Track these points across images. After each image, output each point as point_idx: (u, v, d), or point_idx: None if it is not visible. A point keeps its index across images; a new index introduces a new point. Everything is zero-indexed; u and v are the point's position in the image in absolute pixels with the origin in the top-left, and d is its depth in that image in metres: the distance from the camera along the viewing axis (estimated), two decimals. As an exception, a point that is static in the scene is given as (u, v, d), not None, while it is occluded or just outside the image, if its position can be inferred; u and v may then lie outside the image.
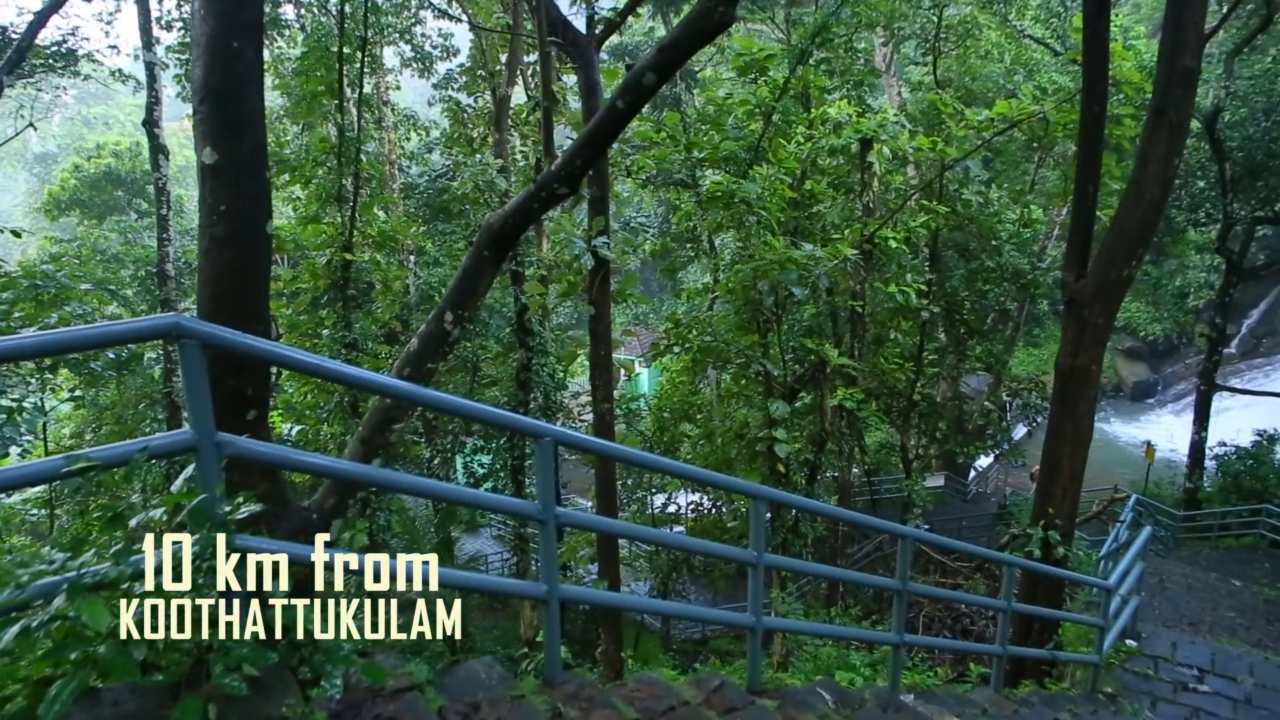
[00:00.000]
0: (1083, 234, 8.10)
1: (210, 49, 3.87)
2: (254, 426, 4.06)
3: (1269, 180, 21.09)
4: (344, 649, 2.59)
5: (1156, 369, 46.45)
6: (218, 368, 3.97)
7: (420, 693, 3.09)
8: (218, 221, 4.00)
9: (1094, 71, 7.99)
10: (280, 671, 2.47)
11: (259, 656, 2.25)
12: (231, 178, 4.02)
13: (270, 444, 3.72)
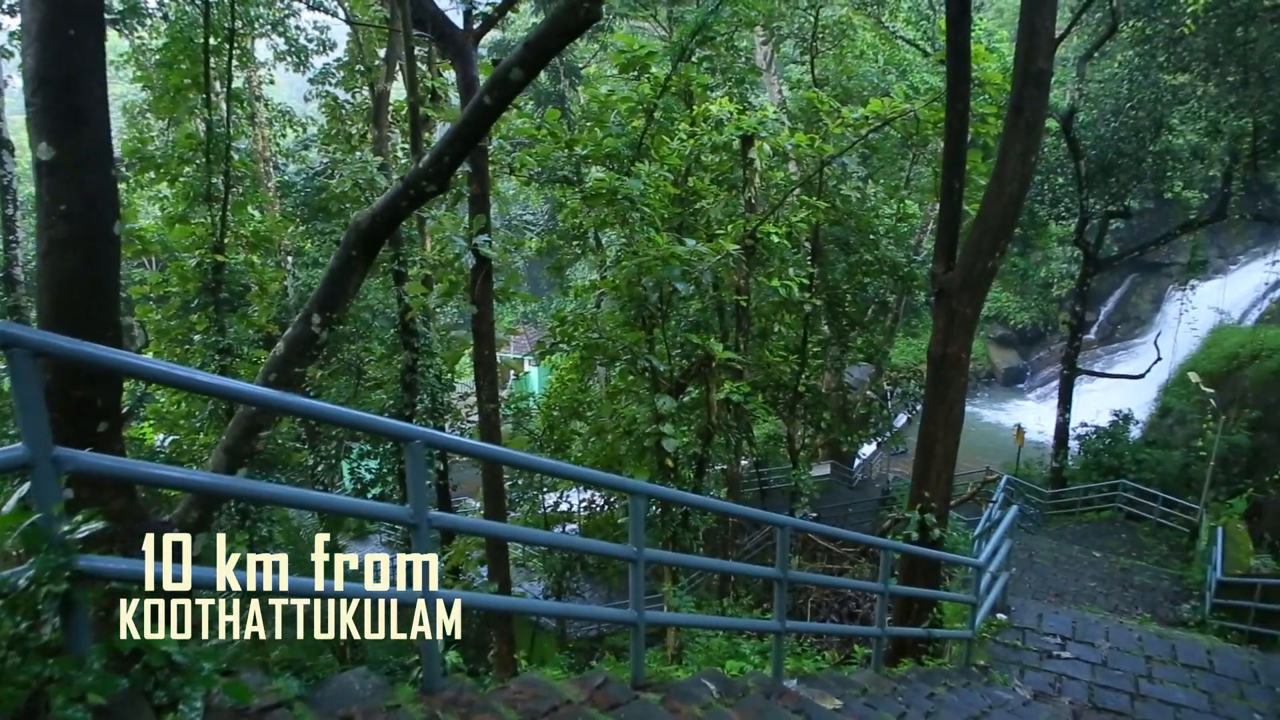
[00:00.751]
0: (950, 228, 8.43)
1: (42, 37, 3.62)
2: (106, 439, 3.83)
3: (1119, 177, 22.44)
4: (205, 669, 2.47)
5: (1025, 355, 48.87)
6: (63, 379, 3.73)
7: (289, 709, 2.98)
8: (57, 222, 3.75)
9: (957, 72, 8.33)
10: (133, 698, 2.33)
11: (107, 684, 2.12)
12: (71, 175, 3.77)
13: (119, 458, 3.51)
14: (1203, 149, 23.85)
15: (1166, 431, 27.15)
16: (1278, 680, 7.63)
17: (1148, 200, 30.90)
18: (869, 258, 19.11)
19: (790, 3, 22.01)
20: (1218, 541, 14.56)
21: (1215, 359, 28.06)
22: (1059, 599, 13.17)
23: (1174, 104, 21.71)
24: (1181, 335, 29.67)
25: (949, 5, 8.35)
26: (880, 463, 30.83)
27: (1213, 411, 19.99)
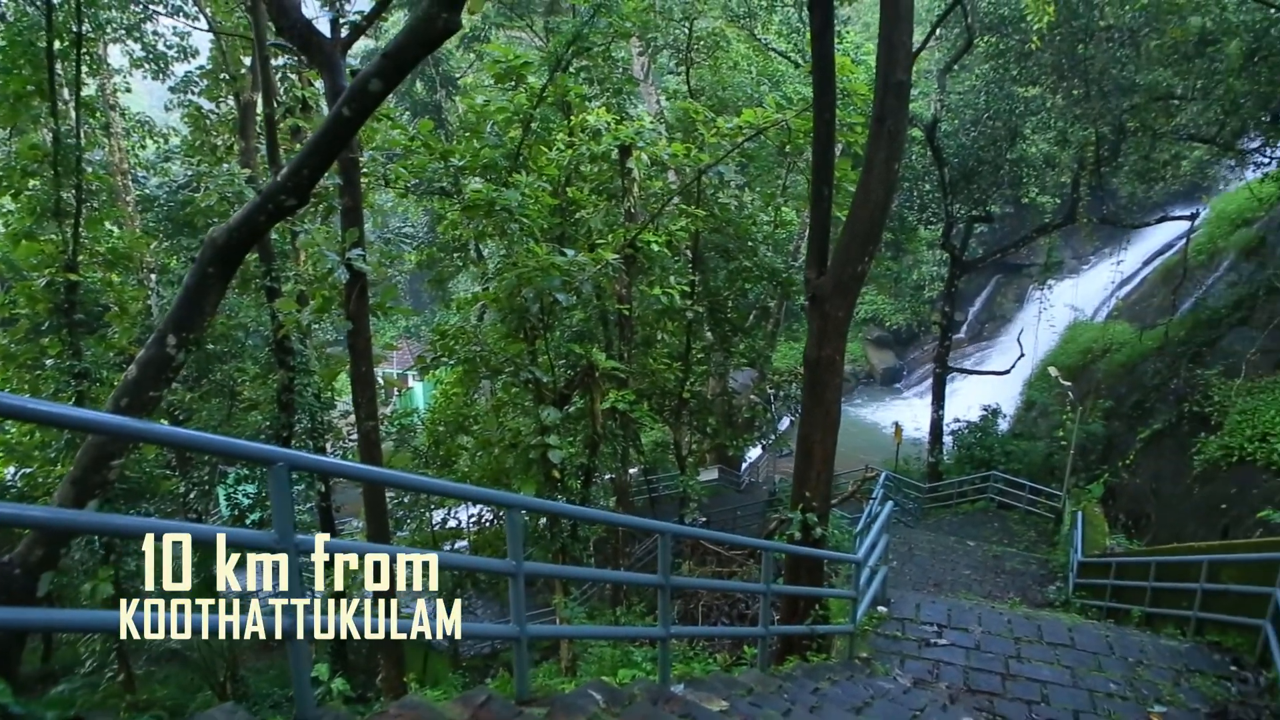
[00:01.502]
0: (821, 234, 8.68)
1: None
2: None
3: (980, 183, 23.58)
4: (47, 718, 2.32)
5: (901, 355, 50.77)
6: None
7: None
8: None
9: (822, 83, 8.59)
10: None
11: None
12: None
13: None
14: (1053, 157, 25.28)
15: (1031, 424, 28.66)
16: (1130, 651, 8.14)
17: (1007, 205, 32.54)
18: (748, 264, 19.49)
19: (665, 15, 22.31)
20: (1078, 525, 15.44)
21: (1072, 353, 29.82)
22: (937, 589, 13.69)
23: (1026, 115, 22.95)
24: (1041, 332, 31.39)
25: (813, 19, 8.59)
26: (766, 465, 31.48)
27: (1071, 403, 21.17)
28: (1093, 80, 20.68)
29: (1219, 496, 15.17)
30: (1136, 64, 20.63)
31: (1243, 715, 6.89)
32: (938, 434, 26.47)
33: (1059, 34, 20.14)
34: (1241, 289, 22.79)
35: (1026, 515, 21.87)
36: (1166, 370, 22.25)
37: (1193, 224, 26.14)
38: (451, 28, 3.66)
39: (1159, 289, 30.31)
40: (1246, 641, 8.13)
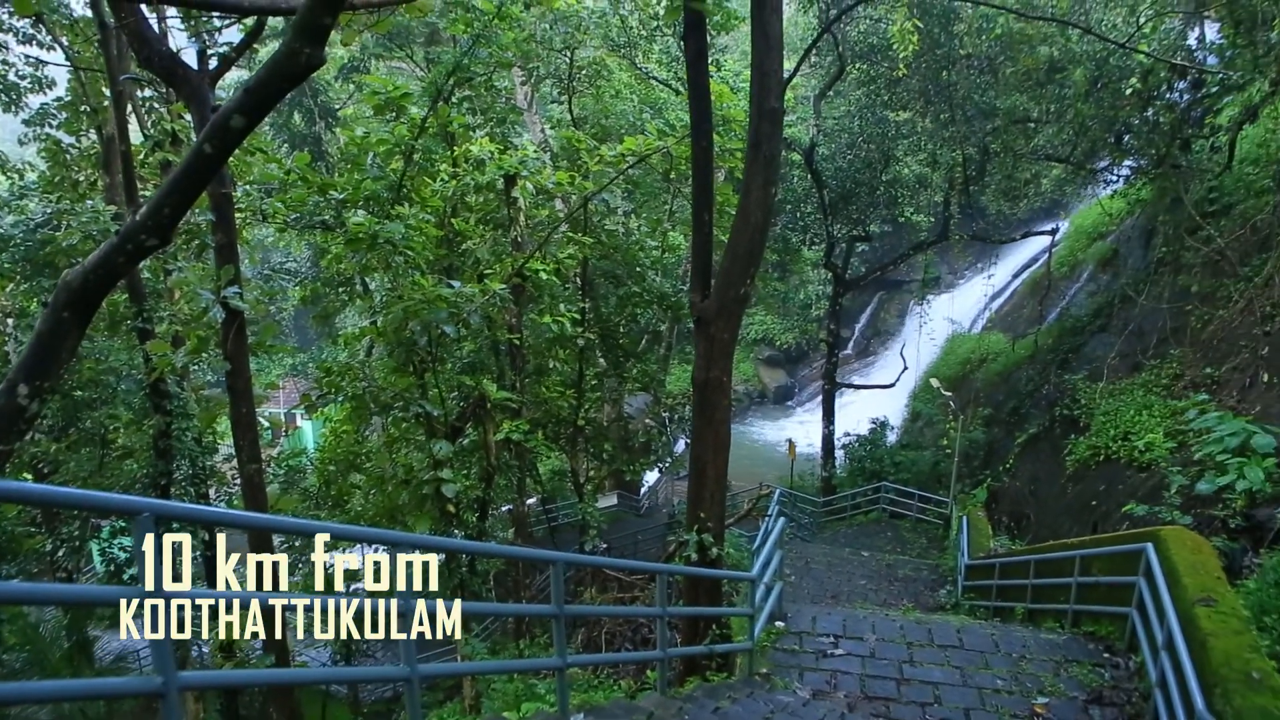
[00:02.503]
0: (703, 257, 8.85)
1: None
2: None
3: (858, 204, 24.45)
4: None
5: (793, 374, 51.92)
6: None
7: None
8: None
9: (699, 110, 8.79)
10: None
11: None
12: None
13: None
14: (925, 178, 26.43)
15: (918, 434, 29.72)
16: (1014, 647, 8.50)
17: (886, 224, 33.78)
18: (637, 290, 19.66)
19: (545, 44, 22.45)
20: (963, 530, 16.06)
21: (952, 364, 31.10)
22: (835, 600, 14.01)
23: (898, 138, 23.93)
24: (923, 345, 32.65)
25: (688, 48, 8.80)
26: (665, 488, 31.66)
27: (953, 412, 22.05)
28: (957, 105, 21.75)
29: (1089, 494, 16.02)
30: (995, 90, 21.84)
31: (1115, 699, 7.29)
32: (829, 449, 27.18)
33: (924, 62, 21.14)
34: (1100, 298, 24.25)
35: (917, 523, 22.62)
36: (1038, 377, 23.44)
37: (1054, 239, 27.68)
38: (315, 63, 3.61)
39: (1028, 300, 31.94)
40: (1117, 629, 8.59)
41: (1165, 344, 18.07)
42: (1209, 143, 19.76)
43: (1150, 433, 15.17)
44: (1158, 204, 21.50)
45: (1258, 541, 10.76)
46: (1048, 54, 19.89)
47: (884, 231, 37.53)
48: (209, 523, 8.07)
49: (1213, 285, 17.65)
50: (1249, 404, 14.16)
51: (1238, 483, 11.51)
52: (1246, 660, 5.73)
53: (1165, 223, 20.95)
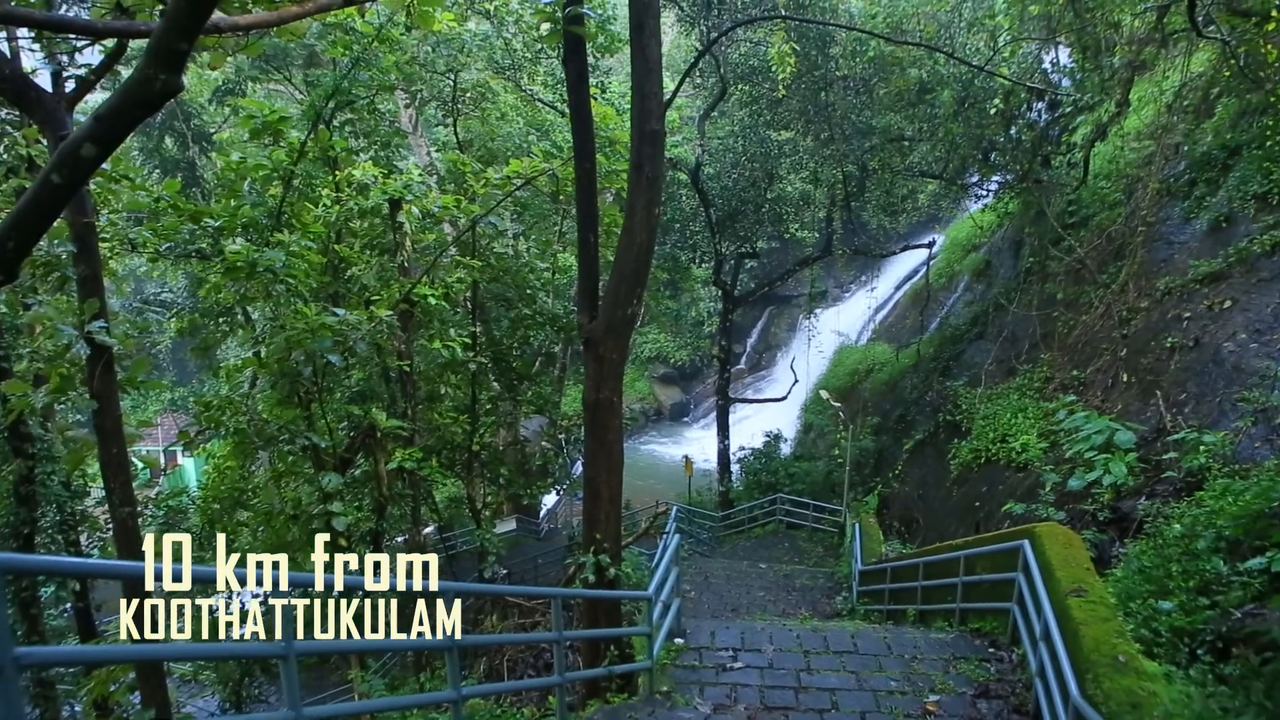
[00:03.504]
0: (589, 279, 8.88)
1: None
2: None
3: (744, 222, 24.98)
4: None
5: (688, 390, 52.46)
6: None
7: None
8: None
9: (581, 133, 8.84)
10: None
11: None
12: None
13: None
14: (809, 195, 27.19)
15: (811, 445, 30.42)
16: (905, 648, 8.75)
17: (773, 241, 34.55)
18: (528, 312, 19.60)
19: (429, 67, 22.22)
20: (856, 537, 16.49)
21: (841, 376, 31.98)
22: (735, 613, 14.16)
23: (781, 157, 24.57)
24: (813, 358, 33.48)
25: (568, 71, 8.84)
26: (564, 510, 31.52)
27: (843, 422, 22.66)
28: (836, 124, 22.49)
29: (973, 495, 16.68)
30: (871, 110, 22.72)
31: (1000, 691, 7.59)
32: (725, 463, 27.56)
33: (803, 83, 21.81)
34: (976, 307, 25.37)
35: (813, 532, 23.11)
36: (922, 384, 24.32)
37: (931, 251, 28.83)
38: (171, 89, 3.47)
39: (910, 311, 33.16)
40: (1001, 624, 8.95)
41: (1036, 349, 19.02)
42: (1066, 159, 20.99)
43: (1025, 434, 15.92)
44: (1024, 217, 22.69)
45: (1123, 532, 11.41)
46: (917, 76, 20.81)
47: (771, 248, 38.41)
48: (62, 574, 7.61)
49: (1076, 292, 18.69)
50: (1111, 403, 15.01)
51: (1104, 478, 12.18)
52: (1114, 645, 6.05)
53: (1031, 234, 22.09)
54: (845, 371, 32.27)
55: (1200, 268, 14.96)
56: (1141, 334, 15.54)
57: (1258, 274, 13.80)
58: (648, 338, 49.93)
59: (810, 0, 21.07)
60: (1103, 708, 5.45)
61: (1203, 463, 10.95)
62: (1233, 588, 7.81)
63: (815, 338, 32.93)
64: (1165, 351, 14.56)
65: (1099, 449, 12.96)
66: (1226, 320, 13.78)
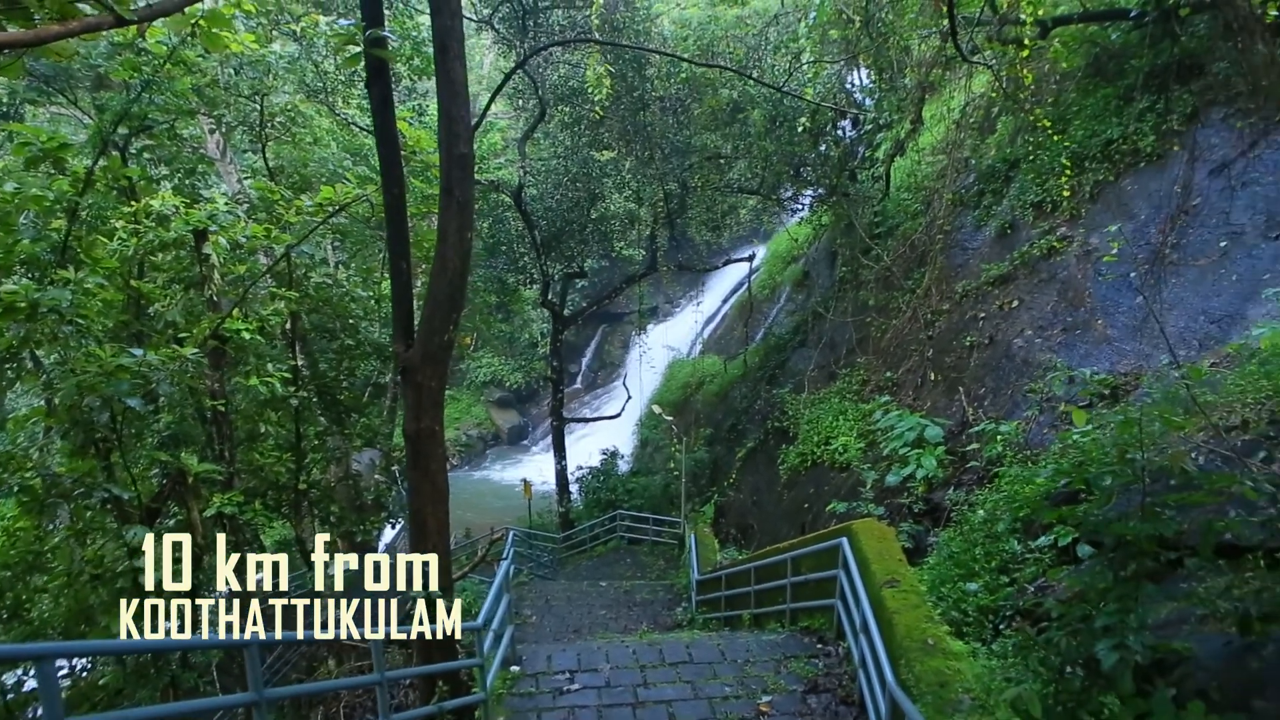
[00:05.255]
0: (404, 306, 8.67)
1: None
2: None
3: (569, 242, 25.12)
4: None
5: (525, 413, 52.03)
6: None
7: None
8: None
9: (389, 158, 8.65)
10: None
11: None
12: None
13: None
14: (632, 214, 27.67)
15: (648, 460, 30.82)
16: (738, 653, 8.97)
17: (603, 260, 34.87)
18: (351, 342, 18.96)
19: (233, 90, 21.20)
20: (692, 547, 16.80)
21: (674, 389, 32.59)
22: (576, 634, 14.10)
23: (604, 177, 24.90)
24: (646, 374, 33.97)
25: (372, 95, 8.62)
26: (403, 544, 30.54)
27: (676, 436, 23.09)
28: (655, 144, 23.03)
29: (801, 498, 17.34)
30: (689, 129, 23.39)
31: (828, 685, 7.91)
32: (564, 484, 27.54)
33: (622, 104, 22.22)
34: (797, 316, 26.49)
35: (654, 546, 23.38)
36: (750, 393, 25.13)
37: (751, 265, 29.91)
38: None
39: (737, 323, 34.23)
40: (827, 620, 9.31)
41: (853, 354, 20.03)
42: (870, 173, 22.29)
43: (845, 435, 16.72)
44: (836, 228, 23.90)
45: (936, 521, 12.15)
46: (729, 96, 21.61)
47: (601, 266, 38.79)
48: None
49: (886, 298, 19.82)
50: (922, 401, 15.98)
51: (917, 472, 12.94)
52: (924, 630, 6.41)
53: (843, 245, 23.29)
54: (678, 385, 32.92)
55: (991, 271, 16.17)
56: (945, 334, 16.64)
57: (1038, 275, 15.06)
58: (482, 362, 49.30)
59: (624, 24, 21.52)
60: (914, 690, 5.76)
61: (1000, 451, 11.82)
62: (1027, 565, 8.45)
63: (647, 354, 33.47)
64: (965, 350, 15.66)
65: (912, 445, 13.78)
66: (1015, 318, 14.97)
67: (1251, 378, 7.75)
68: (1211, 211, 12.75)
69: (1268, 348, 7.99)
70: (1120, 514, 4.80)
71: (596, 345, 53.18)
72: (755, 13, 22.44)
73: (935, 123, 22.08)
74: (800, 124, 20.61)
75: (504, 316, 35.86)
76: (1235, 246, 12.06)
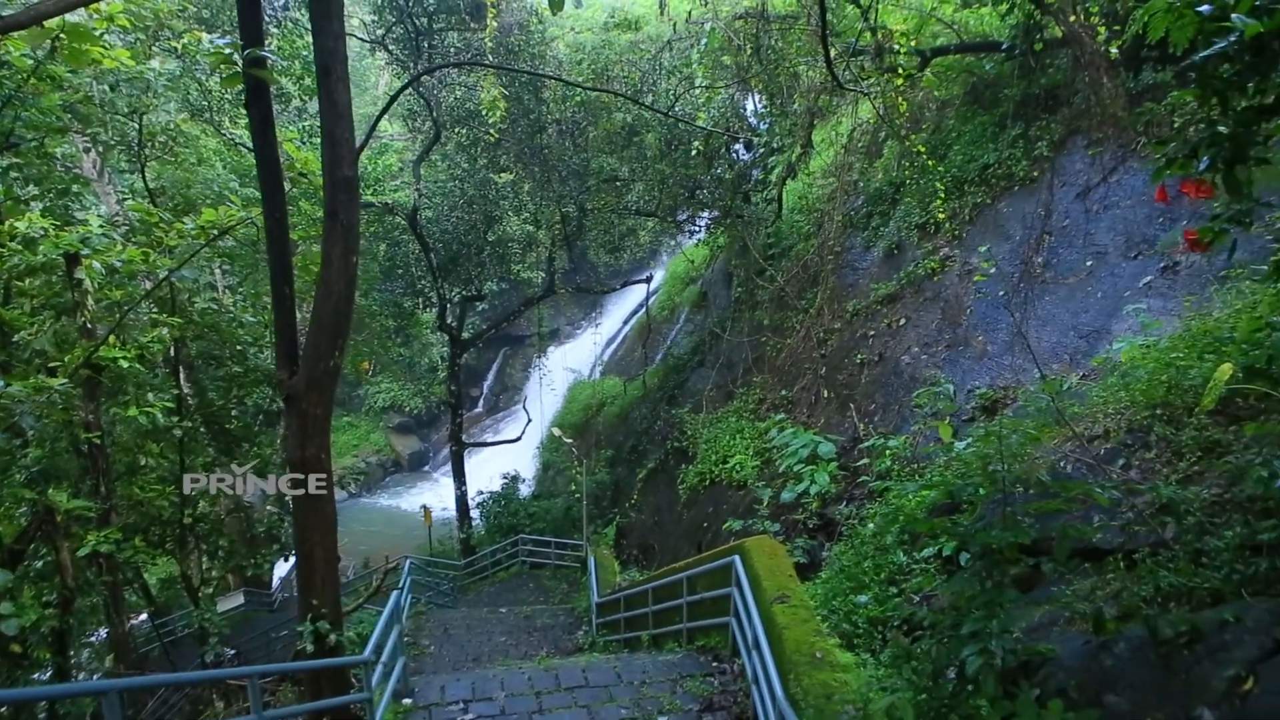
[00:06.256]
0: (287, 332, 8.43)
1: None
2: None
3: (466, 265, 24.90)
4: None
5: (426, 439, 51.10)
6: None
7: None
8: None
9: (270, 181, 8.42)
10: None
11: None
12: None
13: None
14: (531, 236, 27.59)
15: (550, 483, 30.63)
16: (635, 674, 8.96)
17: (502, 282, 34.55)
18: (239, 370, 18.34)
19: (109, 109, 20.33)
20: (592, 570, 16.75)
21: (575, 412, 32.53)
22: (476, 662, 13.84)
23: (501, 199, 24.80)
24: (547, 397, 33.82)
25: (251, 117, 8.39)
26: (299, 576, 29.54)
27: (577, 458, 23.04)
28: (552, 166, 23.07)
29: (700, 517, 17.50)
30: (586, 152, 23.51)
31: (724, 702, 7.97)
32: (464, 509, 27.14)
33: (519, 126, 22.20)
34: (696, 337, 26.82)
35: (557, 569, 23.21)
36: (650, 414, 25.27)
37: (649, 286, 30.16)
38: None
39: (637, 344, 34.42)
40: (723, 638, 9.39)
41: (750, 373, 20.37)
42: (764, 196, 22.78)
43: (741, 454, 16.95)
44: (731, 250, 24.32)
45: (829, 536, 12.41)
46: (624, 119, 21.82)
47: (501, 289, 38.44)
48: None
49: (780, 318, 20.24)
50: (815, 418, 16.35)
51: (811, 488, 13.20)
52: (812, 644, 6.54)
53: (739, 266, 23.70)
54: (579, 407, 32.87)
55: (879, 290, 16.71)
56: (837, 352, 17.08)
57: (923, 294, 15.63)
58: (380, 387, 48.23)
59: (519, 47, 21.54)
60: (802, 703, 5.87)
61: (889, 465, 12.17)
62: (914, 576, 8.71)
63: (547, 376, 33.35)
64: (856, 367, 16.11)
65: (806, 462, 14.07)
66: (903, 336, 15.49)
67: (1112, 389, 8.18)
68: (1078, 233, 13.48)
69: (1127, 361, 8.46)
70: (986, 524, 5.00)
71: (498, 368, 52.71)
72: (649, 38, 22.70)
73: (825, 147, 22.76)
74: (694, 147, 20.96)
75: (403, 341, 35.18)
76: (1100, 265, 12.76)
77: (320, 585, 8.41)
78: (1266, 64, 3.46)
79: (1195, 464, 6.08)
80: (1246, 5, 3.36)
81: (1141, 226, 12.47)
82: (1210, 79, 3.66)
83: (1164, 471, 6.33)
